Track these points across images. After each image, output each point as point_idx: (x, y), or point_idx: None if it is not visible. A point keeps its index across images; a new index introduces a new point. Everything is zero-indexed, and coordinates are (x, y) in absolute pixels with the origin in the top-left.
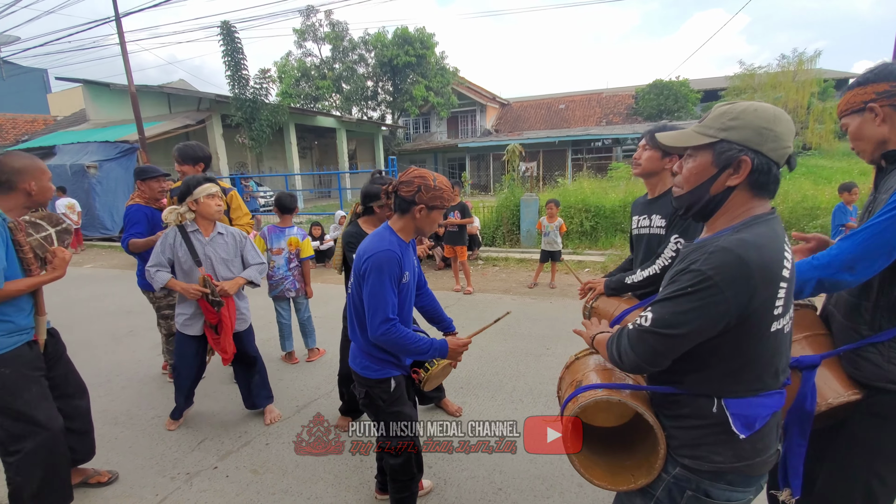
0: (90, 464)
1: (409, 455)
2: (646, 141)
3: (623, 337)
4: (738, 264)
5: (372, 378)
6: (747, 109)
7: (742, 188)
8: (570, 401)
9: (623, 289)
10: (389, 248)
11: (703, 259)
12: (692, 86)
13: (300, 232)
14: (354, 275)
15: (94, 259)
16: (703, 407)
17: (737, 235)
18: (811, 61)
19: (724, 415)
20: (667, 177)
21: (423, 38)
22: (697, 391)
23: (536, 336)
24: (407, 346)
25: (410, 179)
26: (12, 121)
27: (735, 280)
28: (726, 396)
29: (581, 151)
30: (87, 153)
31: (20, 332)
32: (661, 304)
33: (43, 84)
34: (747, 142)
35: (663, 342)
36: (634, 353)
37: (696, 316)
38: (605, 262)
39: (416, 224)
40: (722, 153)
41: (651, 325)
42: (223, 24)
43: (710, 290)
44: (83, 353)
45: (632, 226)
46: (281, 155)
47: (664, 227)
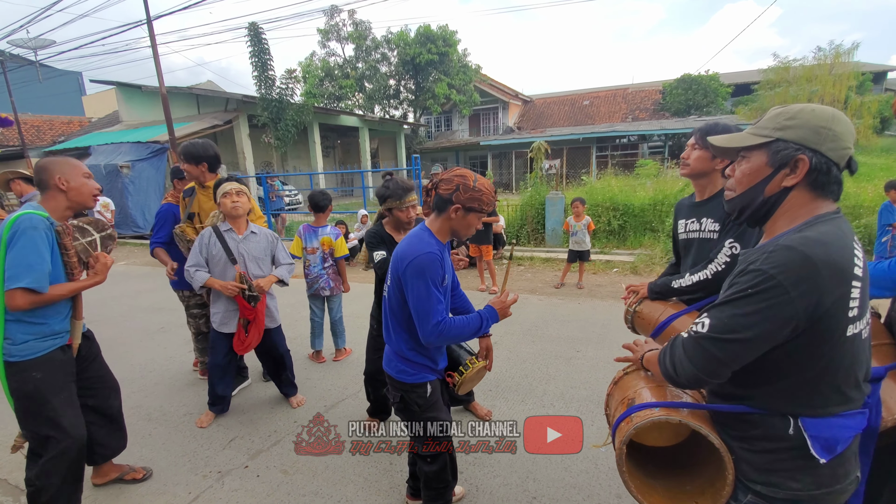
0: (125, 459)
1: (444, 462)
2: (695, 140)
3: (677, 346)
4: (803, 261)
5: (407, 382)
6: (804, 109)
7: (801, 189)
8: (623, 421)
9: (669, 293)
10: (430, 251)
11: (764, 258)
12: (722, 80)
13: (334, 231)
14: (392, 277)
15: (127, 256)
16: (777, 428)
17: (800, 234)
18: (848, 54)
19: (801, 437)
20: (717, 178)
21: (445, 35)
22: (770, 409)
23: (566, 338)
24: (463, 333)
25: (450, 178)
26: (49, 122)
27: (801, 279)
28: (804, 415)
29: (606, 148)
30: (121, 153)
31: (55, 336)
32: (720, 307)
33: (78, 86)
34: (804, 140)
35: (725, 349)
36: (692, 364)
37: (759, 319)
38: (635, 262)
39: (452, 225)
40: (777, 152)
41: (709, 330)
42: (251, 25)
43: (773, 290)
44: (117, 349)
45: (677, 229)
46: (305, 154)
47: (717, 230)
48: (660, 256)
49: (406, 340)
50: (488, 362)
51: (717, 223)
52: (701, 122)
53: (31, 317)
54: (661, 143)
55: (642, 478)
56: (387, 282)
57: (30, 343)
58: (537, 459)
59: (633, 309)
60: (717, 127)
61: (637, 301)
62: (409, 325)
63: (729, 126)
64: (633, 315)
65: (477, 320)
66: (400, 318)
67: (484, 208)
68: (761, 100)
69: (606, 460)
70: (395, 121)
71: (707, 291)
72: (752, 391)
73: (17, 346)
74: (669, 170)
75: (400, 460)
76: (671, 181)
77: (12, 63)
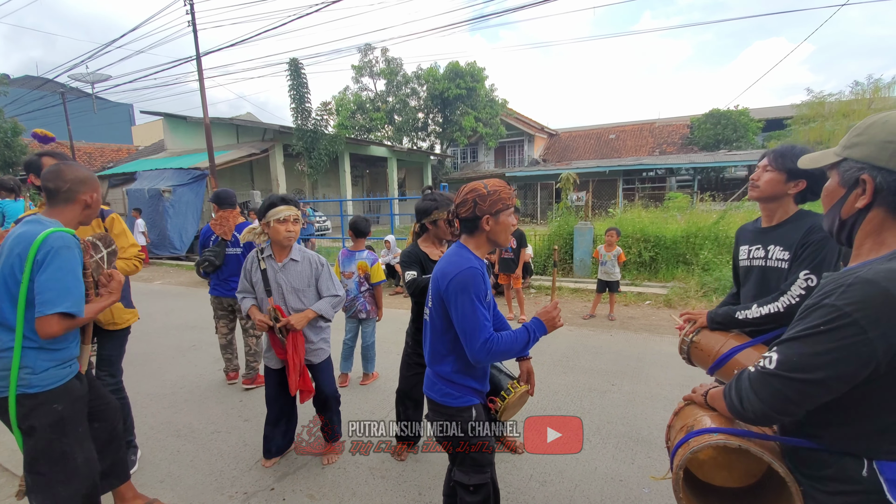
0: (153, 475)
1: (487, 493)
2: (768, 161)
3: (743, 380)
4: (885, 298)
5: (453, 406)
6: (875, 122)
7: (878, 210)
8: (682, 446)
9: (732, 324)
10: (471, 265)
11: (840, 292)
12: (752, 115)
13: (370, 256)
14: (434, 298)
15: (163, 276)
16: (849, 469)
17: (885, 265)
18: (889, 88)
19: (877, 481)
20: (789, 203)
21: (473, 71)
22: (842, 449)
23: (599, 370)
24: (512, 348)
25: (463, 199)
26: (100, 150)
27: (881, 317)
28: (879, 458)
29: (633, 181)
30: (164, 179)
31: (71, 362)
32: (788, 343)
33: (129, 117)
34: (868, 158)
35: (794, 389)
36: (759, 399)
37: (831, 360)
38: (668, 295)
39: (489, 236)
40: (845, 172)
41: (776, 367)
42: (291, 61)
43: (846, 328)
44: (150, 365)
45: (738, 255)
46: (335, 182)
47: (787, 259)
48: (694, 290)
49: (452, 362)
50: (530, 387)
51: (787, 251)
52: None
53: (52, 343)
54: (689, 177)
55: None
56: (427, 304)
57: (50, 371)
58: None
59: (689, 339)
60: (795, 149)
61: (695, 331)
62: (454, 346)
63: (807, 148)
64: (690, 345)
65: (524, 334)
66: (445, 340)
67: (509, 203)
68: (794, 135)
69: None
70: (423, 152)
71: (776, 325)
72: (821, 430)
73: (37, 375)
74: (702, 203)
75: (429, 490)
76: (704, 214)
77: (71, 95)
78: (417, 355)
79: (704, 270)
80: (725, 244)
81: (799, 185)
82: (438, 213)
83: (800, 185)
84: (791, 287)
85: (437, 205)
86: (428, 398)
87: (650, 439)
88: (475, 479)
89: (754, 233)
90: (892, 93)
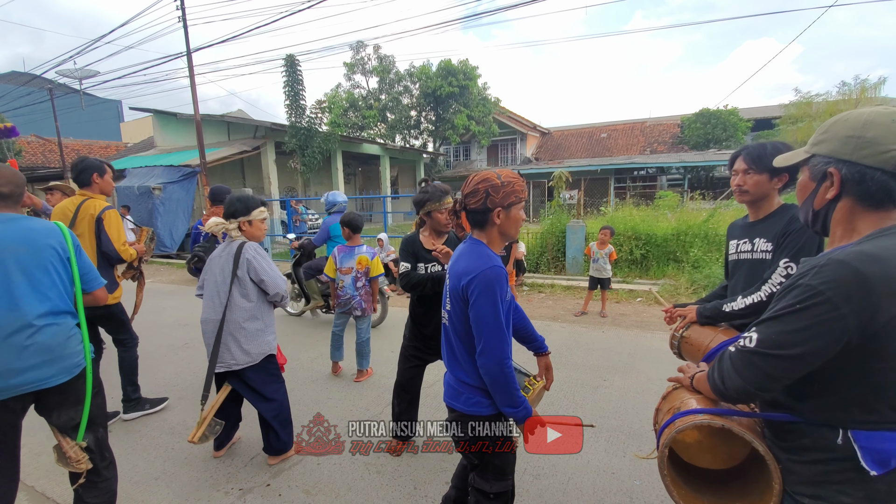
0: (148, 472)
1: (506, 501)
2: (747, 165)
3: (725, 360)
4: (855, 277)
5: (485, 415)
6: (838, 121)
7: (846, 200)
8: (667, 427)
9: (720, 317)
10: (496, 264)
11: (814, 273)
12: (741, 114)
13: (370, 251)
14: (453, 299)
15: (154, 275)
16: (825, 438)
17: (856, 247)
18: (875, 89)
19: (850, 448)
20: (774, 197)
21: (466, 69)
22: (819, 420)
23: (591, 366)
24: (511, 390)
25: (474, 189)
26: (88, 147)
27: (852, 294)
28: (854, 428)
29: (624, 180)
30: (153, 176)
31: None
32: (767, 322)
33: (117, 113)
34: (834, 153)
35: (774, 365)
36: (741, 378)
37: (808, 336)
38: (660, 292)
39: (500, 230)
40: (814, 167)
41: (757, 345)
42: (288, 57)
43: (821, 306)
44: (143, 364)
45: (728, 250)
46: (327, 180)
47: (770, 250)
48: (685, 287)
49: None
50: (547, 382)
51: (770, 242)
52: (721, 155)
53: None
54: (679, 175)
55: (689, 490)
56: (445, 306)
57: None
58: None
59: (679, 334)
60: (767, 147)
61: (685, 325)
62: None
63: (777, 145)
64: (681, 340)
65: (521, 398)
66: (468, 344)
67: (522, 196)
68: (783, 134)
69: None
70: (415, 150)
71: (761, 315)
72: (798, 402)
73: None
74: (692, 201)
75: (425, 484)
76: (694, 213)
77: (58, 91)
78: (415, 348)
79: (694, 268)
80: (715, 242)
81: (783, 179)
82: (431, 204)
83: (783, 179)
84: (772, 276)
85: (428, 196)
86: (452, 409)
87: (641, 433)
88: (497, 488)
89: (742, 228)
90: (878, 93)
